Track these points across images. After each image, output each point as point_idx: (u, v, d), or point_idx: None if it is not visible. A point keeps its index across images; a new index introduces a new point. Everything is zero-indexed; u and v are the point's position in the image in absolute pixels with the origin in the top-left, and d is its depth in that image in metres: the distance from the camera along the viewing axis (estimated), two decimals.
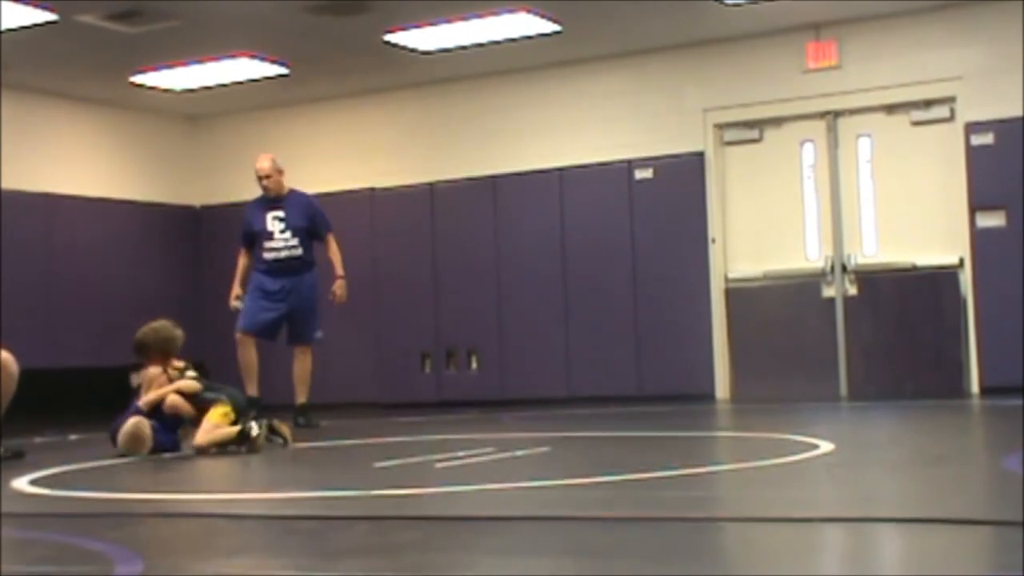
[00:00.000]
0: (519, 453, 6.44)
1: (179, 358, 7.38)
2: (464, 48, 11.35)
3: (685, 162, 11.64)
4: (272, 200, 9.18)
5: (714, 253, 11.52)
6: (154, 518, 4.47)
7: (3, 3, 9.50)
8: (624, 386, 11.55)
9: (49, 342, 11.44)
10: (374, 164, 13.03)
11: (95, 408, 7.49)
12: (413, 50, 11.37)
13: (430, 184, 12.68)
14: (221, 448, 7.07)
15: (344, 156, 13.25)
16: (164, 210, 13.19)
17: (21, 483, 5.68)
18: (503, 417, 10.05)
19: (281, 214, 9.11)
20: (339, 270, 9.27)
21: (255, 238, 9.17)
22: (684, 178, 11.62)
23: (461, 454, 6.34)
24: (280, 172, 9.27)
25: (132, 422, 7.03)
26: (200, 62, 11.53)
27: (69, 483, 5.74)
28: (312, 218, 9.23)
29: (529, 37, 11.08)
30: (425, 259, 12.61)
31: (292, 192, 9.33)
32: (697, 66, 11.69)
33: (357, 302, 12.85)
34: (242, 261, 9.29)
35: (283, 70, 11.91)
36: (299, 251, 9.11)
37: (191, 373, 7.36)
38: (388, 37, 10.97)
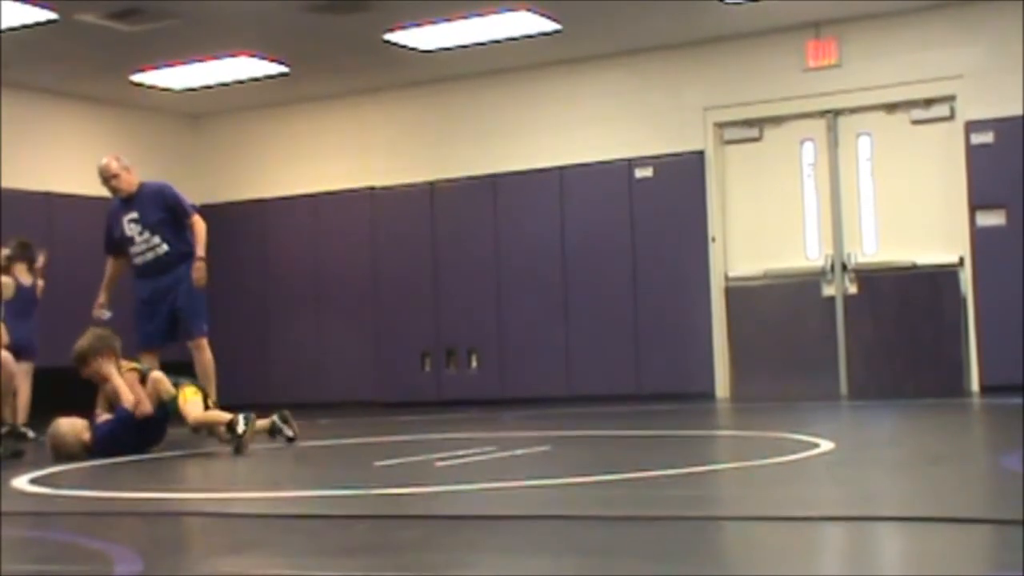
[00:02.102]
0: (519, 452, 6.44)
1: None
2: (464, 47, 11.36)
3: (685, 161, 11.64)
4: (125, 201, 8.50)
5: (714, 252, 11.53)
6: (154, 517, 4.47)
7: (3, 2, 9.49)
8: (624, 385, 11.55)
9: (47, 341, 11.42)
10: (374, 163, 13.04)
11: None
12: (413, 49, 11.37)
13: (430, 183, 12.68)
14: (209, 433, 7.10)
15: (344, 155, 13.26)
16: None
17: (21, 482, 5.68)
18: (503, 416, 10.05)
19: (135, 215, 8.46)
20: (199, 251, 8.42)
21: (119, 245, 8.58)
22: (684, 177, 11.62)
23: (461, 453, 6.34)
24: (127, 169, 8.56)
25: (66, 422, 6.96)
26: (200, 61, 11.53)
27: (69, 482, 5.74)
28: (168, 207, 8.50)
29: (529, 36, 11.08)
30: (425, 258, 12.61)
31: (143, 186, 8.57)
32: (697, 65, 11.69)
33: (357, 301, 12.89)
34: (109, 268, 8.73)
35: (283, 69, 11.92)
36: (164, 248, 8.44)
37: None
38: (388, 36, 10.97)
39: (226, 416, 7.03)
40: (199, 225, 8.51)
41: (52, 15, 9.88)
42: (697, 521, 3.78)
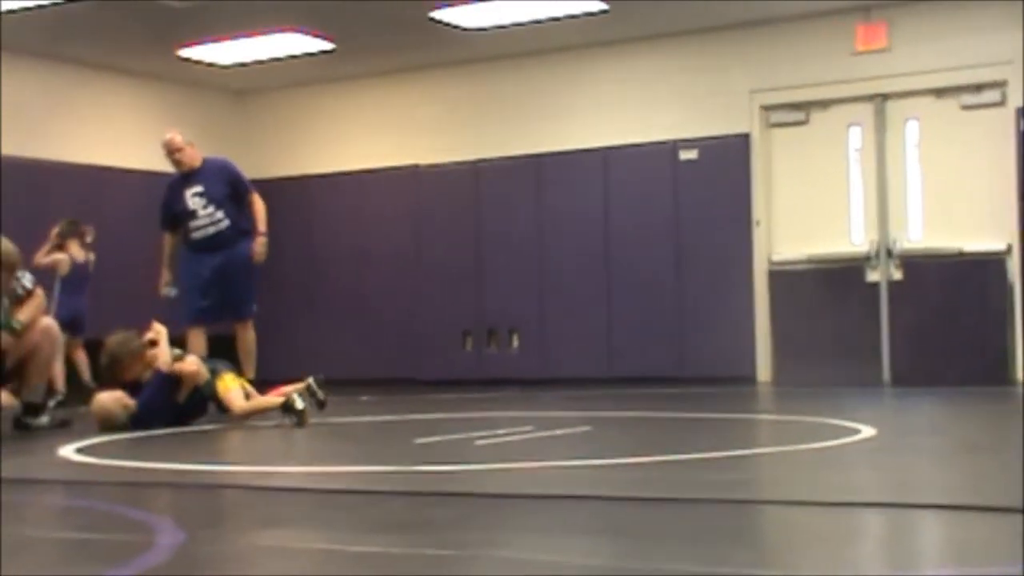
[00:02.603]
0: (559, 432, 6.46)
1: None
2: (509, 26, 11.34)
3: (730, 144, 11.58)
4: (187, 176, 8.63)
5: (758, 236, 11.48)
6: (197, 489, 4.52)
7: None
8: (665, 367, 11.54)
9: (95, 313, 11.55)
10: (418, 141, 13.05)
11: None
12: (458, 27, 11.37)
13: (474, 162, 12.69)
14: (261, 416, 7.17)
15: (388, 133, 13.28)
16: None
17: (68, 451, 5.76)
18: (543, 396, 10.06)
19: (199, 188, 8.55)
20: (260, 227, 8.65)
21: (177, 220, 8.66)
22: (729, 160, 11.57)
23: (501, 432, 6.36)
24: (190, 144, 8.71)
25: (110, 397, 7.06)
26: (247, 36, 11.57)
27: (114, 452, 5.81)
28: (231, 183, 8.66)
29: (575, 16, 11.05)
30: (468, 237, 12.63)
31: (206, 161, 8.73)
32: (744, 47, 11.62)
33: (399, 278, 12.93)
34: (167, 244, 8.81)
35: (329, 46, 11.94)
36: (226, 223, 8.55)
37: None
38: (433, 14, 10.96)
39: (275, 401, 7.09)
40: (259, 202, 8.66)
41: None
42: (736, 504, 3.78)
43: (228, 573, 2.98)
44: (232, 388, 7.22)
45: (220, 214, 8.55)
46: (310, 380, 7.43)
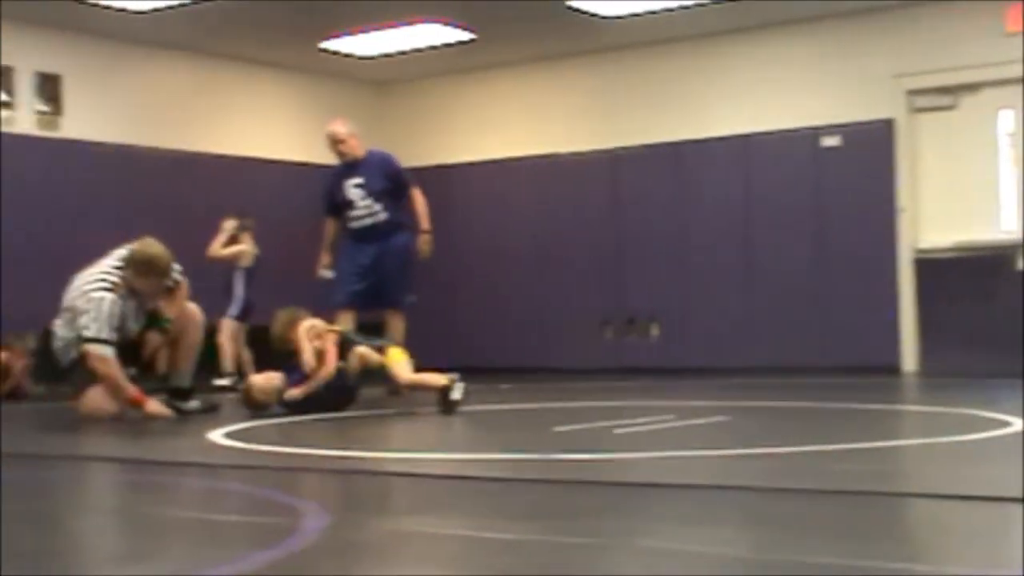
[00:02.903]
0: (698, 421, 6.42)
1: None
2: (647, 14, 11.27)
3: (874, 129, 11.36)
4: (350, 166, 8.79)
5: (903, 223, 11.24)
6: (341, 475, 4.60)
7: None
8: (806, 356, 11.37)
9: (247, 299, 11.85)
10: (556, 130, 13.07)
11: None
12: (596, 15, 11.34)
13: (611, 151, 12.65)
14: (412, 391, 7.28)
15: (526, 122, 13.32)
16: None
17: (216, 435, 5.91)
18: (683, 385, 10.01)
19: (360, 180, 8.70)
20: (424, 224, 8.81)
21: (338, 208, 8.83)
22: (873, 146, 11.35)
23: (640, 421, 6.35)
24: (353, 135, 8.83)
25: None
26: (388, 28, 11.71)
27: (261, 437, 5.94)
28: (392, 177, 8.81)
29: (714, 2, 10.94)
30: (606, 225, 12.61)
31: (370, 153, 8.88)
32: (888, 30, 11.37)
33: (537, 267, 12.97)
34: (329, 229, 8.99)
35: (469, 36, 12.02)
36: (383, 215, 8.70)
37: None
38: (571, 3, 10.95)
39: (439, 381, 7.16)
40: (420, 198, 8.83)
41: None
42: (880, 497, 3.71)
43: (371, 557, 3.03)
44: (400, 361, 7.35)
45: (378, 207, 8.72)
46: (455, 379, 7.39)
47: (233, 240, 10.85)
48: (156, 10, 10.75)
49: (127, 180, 11.69)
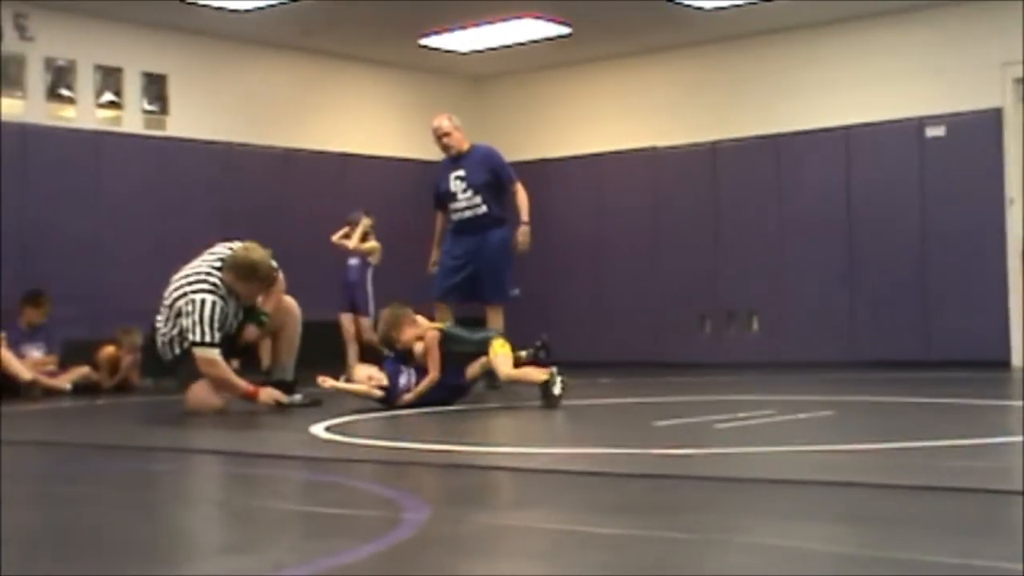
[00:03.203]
0: (800, 416, 6.34)
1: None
2: (747, 5, 11.16)
3: (981, 119, 11.13)
4: (454, 159, 8.83)
5: (1011, 214, 10.99)
6: (440, 468, 4.62)
7: None
8: (911, 350, 11.19)
9: (344, 295, 11.96)
10: (655, 123, 13.00)
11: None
12: (696, 8, 11.26)
13: (712, 143, 12.56)
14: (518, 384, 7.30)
15: (625, 115, 13.27)
16: None
17: (318, 429, 5.98)
18: (784, 379, 9.90)
19: (462, 173, 8.74)
20: (524, 216, 8.80)
21: (444, 200, 8.89)
22: (979, 136, 11.12)
23: (741, 415, 6.29)
24: (458, 129, 8.88)
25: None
26: (486, 24, 11.75)
27: (362, 431, 6.00)
28: (494, 171, 8.83)
29: None
30: (706, 218, 12.52)
31: (474, 148, 8.92)
32: (995, 18, 11.12)
33: (636, 261, 12.92)
34: (438, 223, 9.05)
35: (566, 30, 12.01)
36: (483, 208, 8.73)
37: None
38: None
39: (540, 377, 7.15)
40: (523, 193, 8.86)
41: None
42: (989, 495, 3.63)
43: (471, 551, 3.04)
44: (500, 354, 7.34)
45: (478, 199, 8.77)
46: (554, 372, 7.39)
47: (364, 239, 10.98)
48: (258, 9, 10.90)
49: (231, 177, 11.88)
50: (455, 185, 8.80)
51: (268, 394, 7.22)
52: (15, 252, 10.47)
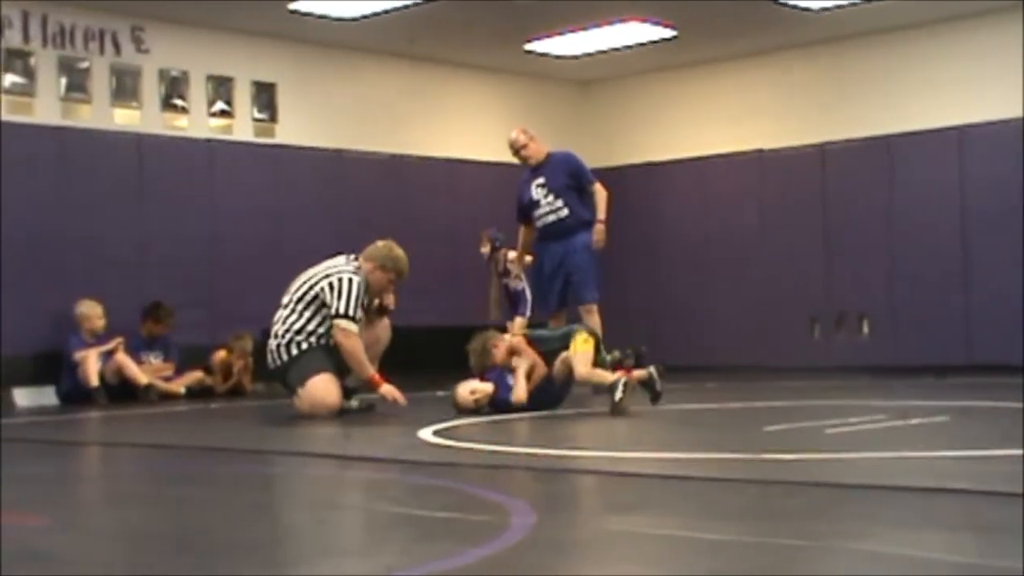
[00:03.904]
0: (914, 422, 6.23)
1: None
2: (855, 4, 11.00)
3: None
4: (534, 169, 8.98)
5: None
6: (548, 473, 4.63)
7: None
8: None
9: (452, 300, 12.04)
10: (762, 126, 12.87)
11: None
12: (802, 8, 11.13)
13: (820, 145, 12.40)
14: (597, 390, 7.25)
15: (731, 118, 13.16)
16: None
17: (426, 433, 6.02)
18: (896, 384, 9.73)
19: (542, 180, 8.88)
20: (600, 214, 8.86)
21: (527, 211, 9.01)
22: None
23: (852, 420, 6.20)
24: (533, 139, 9.02)
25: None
26: (592, 28, 11.74)
27: (469, 435, 6.02)
28: (572, 174, 8.92)
29: None
30: (815, 221, 12.37)
31: (551, 155, 9.04)
32: None
33: (744, 264, 12.80)
34: (522, 236, 9.23)
35: (672, 33, 11.95)
36: (565, 211, 8.81)
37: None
38: None
39: (609, 378, 7.14)
40: (601, 192, 8.94)
41: None
42: None
43: (579, 556, 3.04)
44: (580, 351, 7.31)
45: (559, 203, 8.86)
46: (651, 369, 7.42)
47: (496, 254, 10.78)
48: (364, 17, 11.02)
49: (339, 183, 12.02)
50: (537, 193, 8.93)
51: (388, 389, 7.32)
52: (133, 259, 10.70)
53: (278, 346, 7.52)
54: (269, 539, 3.43)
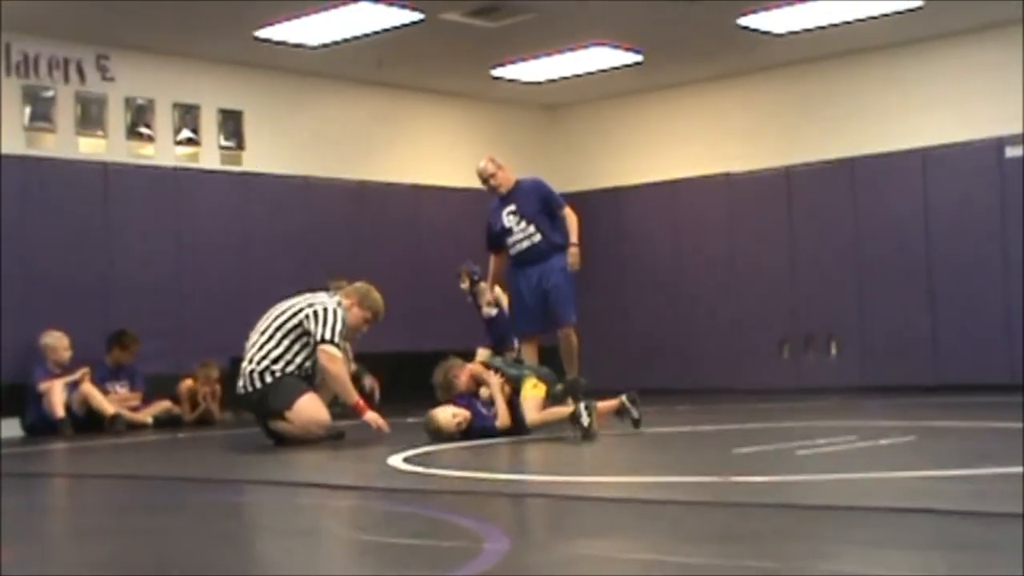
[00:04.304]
0: (883, 442, 6.26)
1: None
2: (820, 28, 11.09)
3: None
4: (504, 197, 9.02)
5: None
6: (520, 498, 4.62)
7: (375, 5, 10.02)
8: (996, 374, 10.98)
9: (418, 326, 12.02)
10: (728, 148, 12.94)
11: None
12: (767, 32, 11.21)
13: (786, 168, 12.48)
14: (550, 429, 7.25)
15: (698, 141, 13.23)
16: None
17: (396, 460, 6.00)
18: (865, 405, 9.78)
19: (513, 207, 8.90)
20: (572, 238, 8.90)
21: (499, 239, 9.04)
22: None
23: (822, 442, 6.22)
24: (502, 168, 9.06)
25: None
26: (558, 53, 11.78)
27: (439, 461, 6.01)
28: (543, 199, 8.96)
29: (888, 15, 10.71)
30: (782, 243, 12.43)
31: (519, 182, 9.11)
32: None
33: (712, 286, 12.85)
34: (492, 265, 9.25)
35: (638, 58, 12.01)
36: (538, 236, 8.85)
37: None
38: (742, 20, 10.85)
39: (566, 411, 7.14)
40: (572, 216, 9.01)
41: (418, 16, 10.33)
42: None
43: None
44: (529, 397, 7.33)
45: (532, 228, 8.89)
46: (623, 398, 7.43)
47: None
48: (332, 43, 11.03)
49: (306, 210, 11.99)
50: (509, 220, 8.96)
51: (373, 417, 7.33)
52: (98, 288, 10.64)
53: (251, 372, 7.47)
54: (239, 569, 3.41)
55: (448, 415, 7.27)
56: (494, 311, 9.65)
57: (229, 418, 10.21)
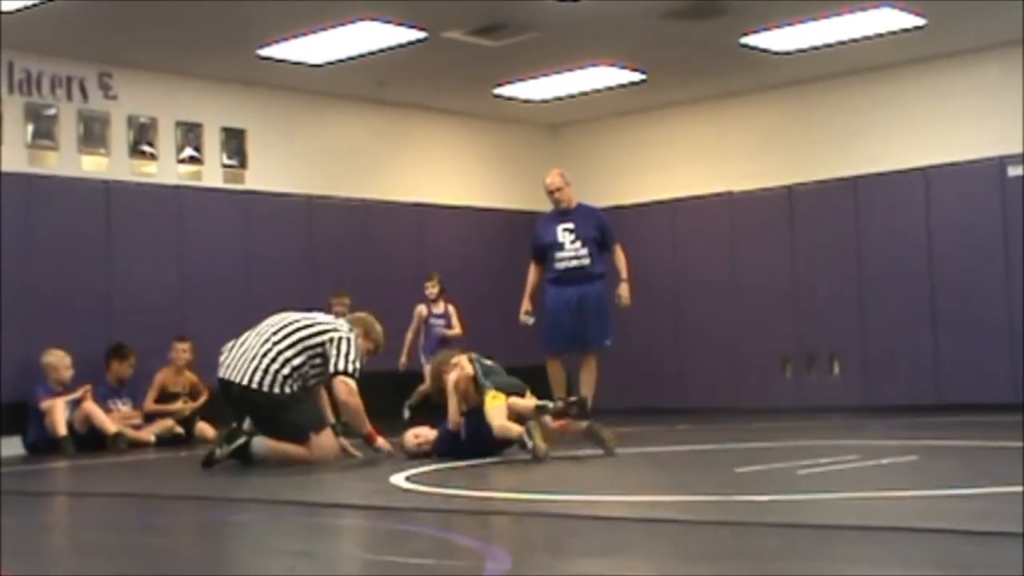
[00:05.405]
0: (885, 461, 6.25)
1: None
2: (823, 47, 11.12)
3: None
4: (563, 213, 9.35)
5: None
6: (522, 517, 4.61)
7: (377, 24, 10.05)
8: (999, 393, 10.97)
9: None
10: (731, 167, 12.95)
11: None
12: (770, 51, 11.23)
13: (788, 187, 12.49)
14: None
15: (701, 160, 13.24)
16: (527, 217, 13.53)
17: (398, 479, 5.99)
18: (867, 424, 9.76)
19: (571, 225, 9.27)
20: (623, 274, 9.38)
21: (546, 251, 9.32)
22: None
23: (824, 461, 6.21)
24: (568, 185, 9.42)
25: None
26: (561, 72, 11.80)
27: (442, 481, 5.99)
28: (601, 229, 9.37)
29: (891, 32, 10.73)
30: (784, 262, 12.43)
31: (580, 205, 9.48)
32: None
33: (715, 306, 12.84)
34: (532, 275, 9.44)
35: (640, 77, 12.03)
36: (587, 261, 9.22)
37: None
38: (744, 40, 10.88)
39: (515, 431, 7.01)
40: (623, 253, 9.42)
41: (421, 34, 10.36)
42: None
43: None
44: (491, 407, 7.24)
45: (584, 251, 9.26)
46: (593, 425, 7.22)
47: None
48: (334, 63, 11.05)
49: (309, 229, 12.00)
50: (563, 236, 9.26)
51: (383, 443, 7.44)
52: (100, 307, 10.64)
53: (265, 369, 7.34)
54: None
55: (411, 435, 7.47)
56: (531, 320, 9.44)
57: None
